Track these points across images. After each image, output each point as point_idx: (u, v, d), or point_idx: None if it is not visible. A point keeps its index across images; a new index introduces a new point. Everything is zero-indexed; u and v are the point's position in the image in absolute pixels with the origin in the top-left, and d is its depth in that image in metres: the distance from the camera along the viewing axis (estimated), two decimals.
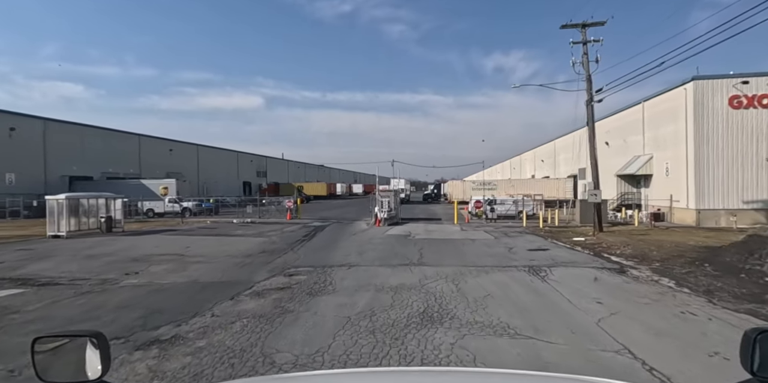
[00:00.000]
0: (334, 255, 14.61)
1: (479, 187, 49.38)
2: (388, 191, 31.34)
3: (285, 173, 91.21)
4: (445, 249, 15.86)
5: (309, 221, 29.56)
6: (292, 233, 22.67)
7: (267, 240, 19.31)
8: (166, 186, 41.03)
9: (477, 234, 21.43)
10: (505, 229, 24.42)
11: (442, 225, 27.57)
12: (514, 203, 31.48)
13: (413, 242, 18.19)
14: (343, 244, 17.74)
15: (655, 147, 31.05)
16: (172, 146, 57.99)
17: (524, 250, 15.50)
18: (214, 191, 64.88)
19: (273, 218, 32.07)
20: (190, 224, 28.01)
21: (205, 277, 11.23)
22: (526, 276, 10.75)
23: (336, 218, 32.66)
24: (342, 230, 24.29)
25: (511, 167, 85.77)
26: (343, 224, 27.91)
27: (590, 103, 21.13)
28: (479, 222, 29.18)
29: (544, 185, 49.31)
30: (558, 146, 55.34)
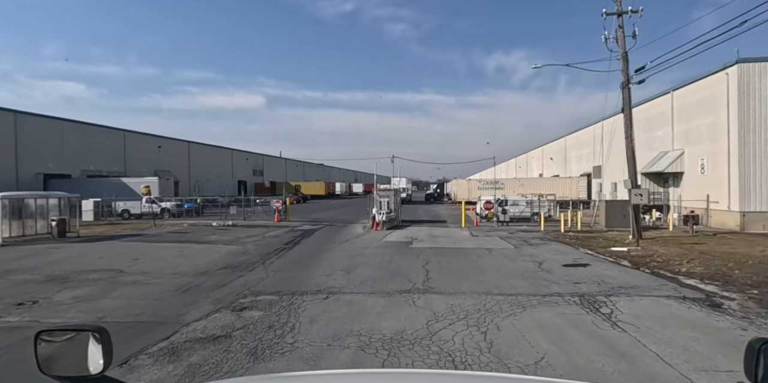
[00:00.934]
0: (314, 273, 11.15)
1: (486, 186, 45.89)
2: (387, 191, 27.89)
3: (283, 171, 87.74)
4: (457, 264, 12.39)
5: (298, 224, 26.11)
6: (274, 239, 19.22)
7: (239, 250, 15.87)
8: (148, 185, 37.60)
9: (491, 241, 17.95)
10: (521, 234, 20.93)
11: (449, 229, 24.10)
12: (527, 204, 28.00)
13: (416, 252, 14.72)
14: (329, 255, 14.27)
15: (686, 141, 27.52)
16: (161, 142, 54.60)
17: (558, 266, 12.01)
18: (207, 191, 61.53)
19: (260, 220, 28.64)
20: (162, 228, 24.58)
21: (119, 312, 7.79)
22: (583, 314, 7.27)
23: (330, 221, 29.21)
24: (333, 235, 20.84)
25: (516, 165, 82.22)
26: (336, 228, 24.46)
27: (627, 85, 17.62)
28: (489, 226, 25.70)
29: (555, 184, 45.77)
30: (569, 142, 51.77)
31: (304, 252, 15.12)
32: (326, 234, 21.20)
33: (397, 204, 27.58)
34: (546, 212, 27.83)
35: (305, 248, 16.34)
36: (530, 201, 27.88)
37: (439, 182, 77.77)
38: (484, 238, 19.28)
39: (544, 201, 28.98)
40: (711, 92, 24.74)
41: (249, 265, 12.54)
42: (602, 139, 41.47)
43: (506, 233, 21.41)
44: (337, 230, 23.49)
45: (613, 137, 39.97)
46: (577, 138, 48.93)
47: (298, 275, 10.90)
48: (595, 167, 43.22)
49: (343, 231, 22.67)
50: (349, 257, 13.67)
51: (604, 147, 41.22)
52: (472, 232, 22.25)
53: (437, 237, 19.57)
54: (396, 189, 28.66)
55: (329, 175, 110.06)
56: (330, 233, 21.90)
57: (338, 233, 21.84)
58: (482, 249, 15.40)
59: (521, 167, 78.29)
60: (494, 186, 45.26)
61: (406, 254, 14.41)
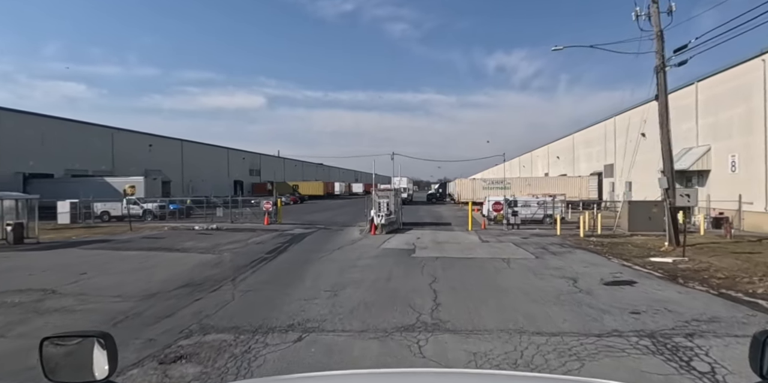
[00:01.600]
0: (292, 295, 8.77)
1: (491, 186, 43.48)
2: (387, 191, 25.53)
3: (281, 171, 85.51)
4: (472, 281, 9.99)
5: (289, 228, 23.74)
6: (258, 245, 16.86)
7: (212, 260, 13.49)
8: (133, 185, 35.27)
9: (506, 249, 15.56)
10: (537, 240, 18.54)
11: (455, 233, 21.72)
12: (539, 205, 25.60)
13: (420, 264, 12.32)
14: (316, 268, 11.88)
15: (713, 136, 25.12)
16: (151, 140, 52.29)
17: (597, 283, 9.61)
18: (201, 191, 59.12)
19: (249, 222, 26.29)
20: (139, 232, 22.22)
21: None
22: (673, 375, 4.87)
23: (325, 223, 26.86)
24: (326, 240, 18.48)
25: (520, 164, 79.81)
26: (330, 232, 22.10)
27: (662, 68, 15.20)
28: (499, 229, 23.31)
29: (563, 183, 43.31)
30: (577, 140, 49.36)
31: (287, 264, 12.74)
32: (318, 240, 18.83)
33: (397, 205, 25.23)
34: (559, 214, 25.45)
35: (290, 257, 13.96)
36: (543, 202, 25.47)
37: (441, 182, 75.35)
38: (497, 244, 16.88)
39: (557, 202, 26.58)
40: (744, 81, 22.34)
41: (215, 282, 10.16)
42: (615, 135, 39.06)
43: (519, 238, 19.02)
44: (330, 234, 21.12)
45: (627, 133, 37.54)
46: (587, 135, 46.52)
47: (271, 299, 8.52)
48: (607, 165, 40.81)
49: (338, 236, 20.29)
50: (339, 272, 11.28)
51: (617, 144, 38.81)
52: (481, 237, 19.87)
53: (443, 244, 17.18)
54: (396, 189, 26.31)
55: (329, 175, 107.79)
56: (322, 238, 19.52)
57: (332, 238, 19.46)
58: (498, 260, 13.00)
59: (525, 167, 75.87)
60: (500, 186, 42.87)
61: (408, 266, 12.02)
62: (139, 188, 35.28)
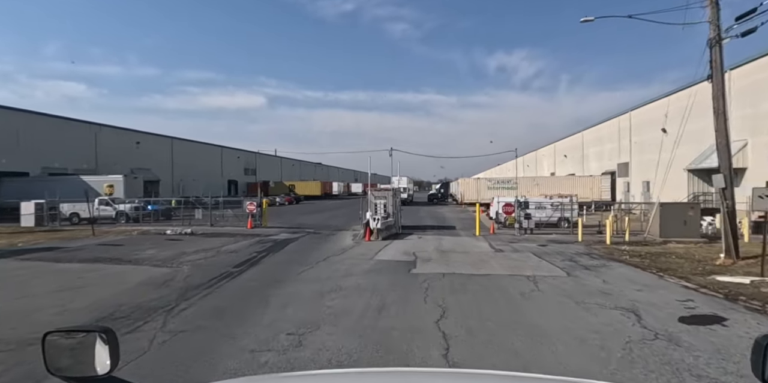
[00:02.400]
0: (238, 341, 5.98)
1: (496, 186, 40.70)
2: (384, 191, 22.78)
3: (278, 170, 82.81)
4: (494, 317, 7.18)
5: (275, 232, 20.99)
6: (229, 255, 14.11)
7: (162, 277, 10.72)
8: (112, 184, 32.54)
9: (527, 261, 12.79)
10: (558, 248, 15.79)
11: (461, 239, 18.98)
12: (556, 207, 22.82)
13: (422, 285, 9.54)
14: (287, 292, 9.09)
15: (751, 130, 22.35)
16: (139, 138, 49.53)
17: (674, 321, 6.81)
18: (193, 191, 56.42)
19: (231, 226, 23.54)
20: (101, 237, 19.46)
21: None
22: None
23: (316, 227, 24.12)
24: (311, 248, 15.72)
25: (524, 164, 77.04)
26: (319, 238, 19.35)
27: (718, 41, 12.41)
28: (510, 234, 20.57)
29: (574, 183, 40.46)
30: (588, 138, 46.58)
31: (253, 283, 9.97)
32: (303, 247, 16.07)
33: (396, 207, 22.49)
34: (575, 216, 22.70)
35: (261, 273, 11.19)
36: (560, 204, 22.68)
37: (443, 182, 72.58)
38: (513, 255, 14.11)
39: (574, 203, 23.78)
40: None
41: (145, 313, 7.41)
42: (630, 132, 36.31)
43: (537, 246, 16.28)
44: (319, 240, 18.37)
45: (645, 129, 34.77)
46: (598, 132, 43.75)
47: (206, 348, 5.75)
48: (621, 164, 38.05)
49: (327, 243, 17.55)
50: (317, 297, 8.51)
51: (633, 141, 36.06)
52: (492, 243, 17.12)
53: (449, 253, 14.41)
54: (395, 189, 23.56)
55: (327, 174, 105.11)
56: (308, 245, 16.77)
57: (319, 245, 16.71)
58: (521, 278, 10.22)
59: (529, 166, 73.15)
60: (507, 186, 40.09)
61: (407, 288, 9.25)
62: (118, 188, 32.55)
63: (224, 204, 24.74)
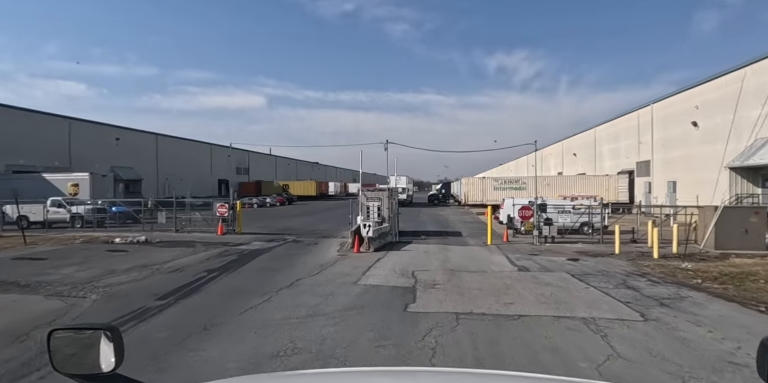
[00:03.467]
0: None
1: (503, 186, 37.18)
2: (379, 191, 19.29)
3: (272, 170, 79.27)
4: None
5: (247, 240, 17.47)
6: (169, 276, 10.56)
7: (40, 317, 7.13)
8: (77, 183, 29.05)
9: (568, 288, 9.22)
10: (597, 265, 12.26)
11: (470, 249, 15.47)
12: (575, 211, 19.27)
13: (425, 338, 5.96)
14: (205, 355, 5.54)
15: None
16: (119, 133, 45.94)
17: None
18: (179, 191, 52.94)
19: (199, 231, 20.00)
20: (32, 247, 15.85)
21: None
22: None
23: (300, 232, 20.61)
24: (282, 265, 12.17)
25: (528, 163, 73.45)
26: (298, 248, 15.84)
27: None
28: (528, 243, 17.10)
29: (588, 183, 36.93)
30: (600, 134, 43.05)
31: (160, 334, 6.40)
32: (270, 264, 12.51)
33: (392, 210, 18.99)
34: (597, 221, 19.18)
35: (185, 313, 7.61)
36: (587, 207, 19.13)
37: (444, 182, 69.00)
38: (545, 277, 10.55)
39: (597, 206, 20.23)
40: None
41: None
42: (652, 127, 32.76)
43: (567, 261, 12.77)
44: (297, 252, 14.83)
45: (670, 123, 31.25)
46: (613, 128, 40.22)
47: None
48: (641, 162, 34.51)
49: (305, 255, 14.01)
50: (251, 367, 4.99)
51: (655, 137, 32.55)
52: (511, 257, 13.61)
53: (459, 274, 10.86)
54: (392, 189, 20.01)
55: (325, 174, 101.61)
56: (280, 260, 13.22)
57: (294, 259, 13.16)
58: (575, 323, 6.66)
59: (533, 166, 69.57)
60: (515, 186, 36.59)
61: (400, 347, 5.69)
62: (84, 187, 29.04)
63: (192, 207, 21.15)
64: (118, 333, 1.49)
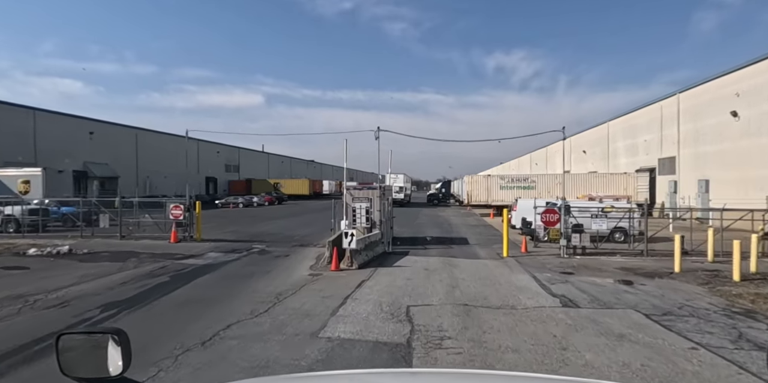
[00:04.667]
0: None
1: (510, 184, 33.49)
2: (368, 191, 15.68)
3: (264, 168, 75.50)
4: None
5: (201, 251, 13.80)
6: (42, 315, 6.90)
7: None
8: (27, 180, 25.35)
9: (653, 341, 5.54)
10: (668, 295, 8.64)
11: (483, 264, 11.82)
12: (604, 214, 15.56)
13: None
14: None
15: None
16: (93, 127, 42.16)
17: None
18: (163, 189, 49.31)
19: (149, 238, 16.33)
20: None
21: None
22: None
23: (273, 239, 17.01)
24: (223, 295, 8.50)
25: (531, 162, 69.97)
26: (261, 262, 12.20)
27: None
28: (553, 254, 13.52)
29: (602, 182, 33.28)
30: (615, 129, 39.41)
31: None
32: (207, 291, 8.84)
33: (385, 213, 15.38)
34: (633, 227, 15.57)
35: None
36: (627, 210, 15.49)
37: (444, 181, 65.41)
38: (608, 319, 6.89)
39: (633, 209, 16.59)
40: None
41: None
42: (678, 119, 29.09)
43: (624, 287, 9.15)
44: (256, 268, 11.18)
45: (701, 114, 27.64)
46: (629, 122, 36.59)
47: None
48: (664, 159, 30.89)
49: (263, 276, 10.35)
50: None
51: (683, 130, 28.93)
52: (541, 278, 10.00)
53: (478, 312, 7.20)
54: (384, 187, 16.32)
55: (321, 173, 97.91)
56: (226, 283, 9.55)
57: (244, 283, 9.50)
58: None
59: (538, 164, 66.01)
60: (523, 185, 32.93)
61: None
62: (36, 184, 25.32)
63: (143, 206, 17.40)
64: (125, 336, 1.46)
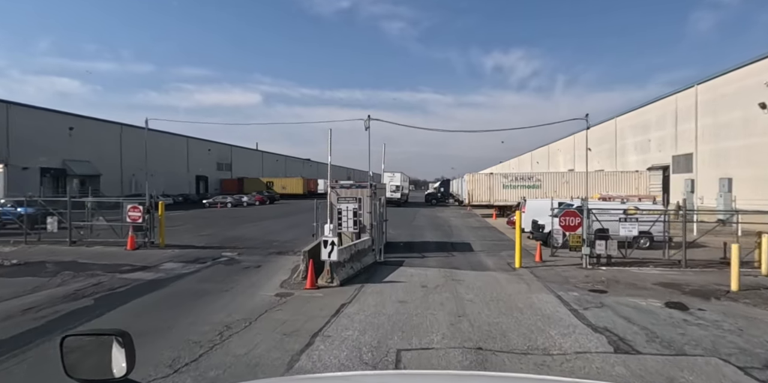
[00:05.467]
0: None
1: (514, 183, 31.27)
2: (357, 189, 13.43)
3: (258, 166, 73.16)
4: None
5: (158, 260, 11.56)
6: None
7: None
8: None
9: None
10: (747, 327, 6.40)
11: (493, 279, 9.57)
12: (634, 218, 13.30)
13: None
14: None
15: None
16: (74, 123, 39.82)
17: None
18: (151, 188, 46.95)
19: (103, 243, 14.06)
20: None
21: None
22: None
23: (250, 244, 14.78)
24: (149, 328, 6.26)
25: (532, 160, 67.78)
26: (224, 276, 9.94)
27: None
28: (574, 264, 11.34)
29: (612, 181, 31.07)
30: (623, 125, 37.24)
31: None
32: (130, 324, 6.56)
33: (376, 216, 13.14)
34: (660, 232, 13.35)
35: None
36: (662, 212, 13.26)
37: (443, 180, 63.14)
38: (692, 378, 4.71)
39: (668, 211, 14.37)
40: None
41: None
42: (696, 112, 26.91)
43: (681, 314, 6.91)
44: (213, 286, 8.91)
45: (723, 107, 25.48)
46: (640, 117, 34.42)
47: None
48: (679, 156, 28.71)
49: (218, 296, 8.10)
50: None
51: (701, 125, 26.79)
52: (568, 299, 7.80)
53: (500, 360, 5.00)
54: (375, 186, 14.02)
55: (317, 172, 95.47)
56: (164, 310, 7.30)
57: (187, 311, 7.24)
58: None
59: (539, 163, 63.84)
60: (528, 184, 30.72)
61: None
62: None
63: (99, 208, 15.09)
64: (129, 338, 1.44)
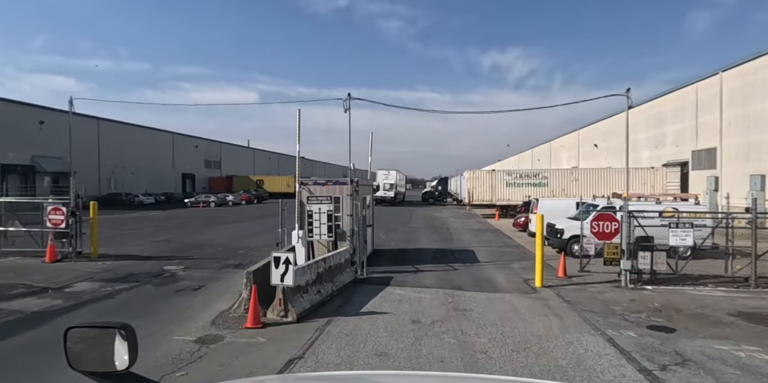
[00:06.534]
0: None
1: (518, 181, 28.54)
2: (335, 186, 10.66)
3: (249, 164, 70.26)
4: None
5: (73, 279, 8.79)
6: None
7: None
8: None
9: None
10: None
11: (511, 309, 6.74)
12: (689, 223, 10.56)
13: None
14: None
15: None
16: (45, 116, 36.87)
17: None
18: (132, 186, 44.16)
19: (19, 253, 11.28)
20: None
21: None
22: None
23: (207, 254, 12.01)
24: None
25: (533, 158, 65.08)
26: (147, 302, 7.12)
27: None
28: (611, 282, 8.59)
29: (625, 178, 28.34)
30: (635, 119, 34.39)
31: None
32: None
33: (358, 221, 10.34)
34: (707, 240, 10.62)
35: None
36: (727, 216, 10.57)
37: (440, 178, 60.37)
38: None
39: (732, 214, 11.66)
40: None
41: None
42: (721, 103, 24.17)
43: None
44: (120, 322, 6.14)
45: (753, 95, 22.69)
46: (654, 110, 31.71)
47: None
48: (700, 151, 26.01)
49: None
50: None
51: (726, 116, 24.13)
52: (627, 348, 5.03)
53: None
54: (358, 181, 11.23)
55: (311, 170, 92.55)
56: (13, 367, 4.59)
57: (53, 366, 4.50)
58: None
59: (540, 160, 61.14)
60: (533, 181, 28.02)
61: None
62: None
63: (13, 210, 12.19)
64: (132, 331, 1.44)
